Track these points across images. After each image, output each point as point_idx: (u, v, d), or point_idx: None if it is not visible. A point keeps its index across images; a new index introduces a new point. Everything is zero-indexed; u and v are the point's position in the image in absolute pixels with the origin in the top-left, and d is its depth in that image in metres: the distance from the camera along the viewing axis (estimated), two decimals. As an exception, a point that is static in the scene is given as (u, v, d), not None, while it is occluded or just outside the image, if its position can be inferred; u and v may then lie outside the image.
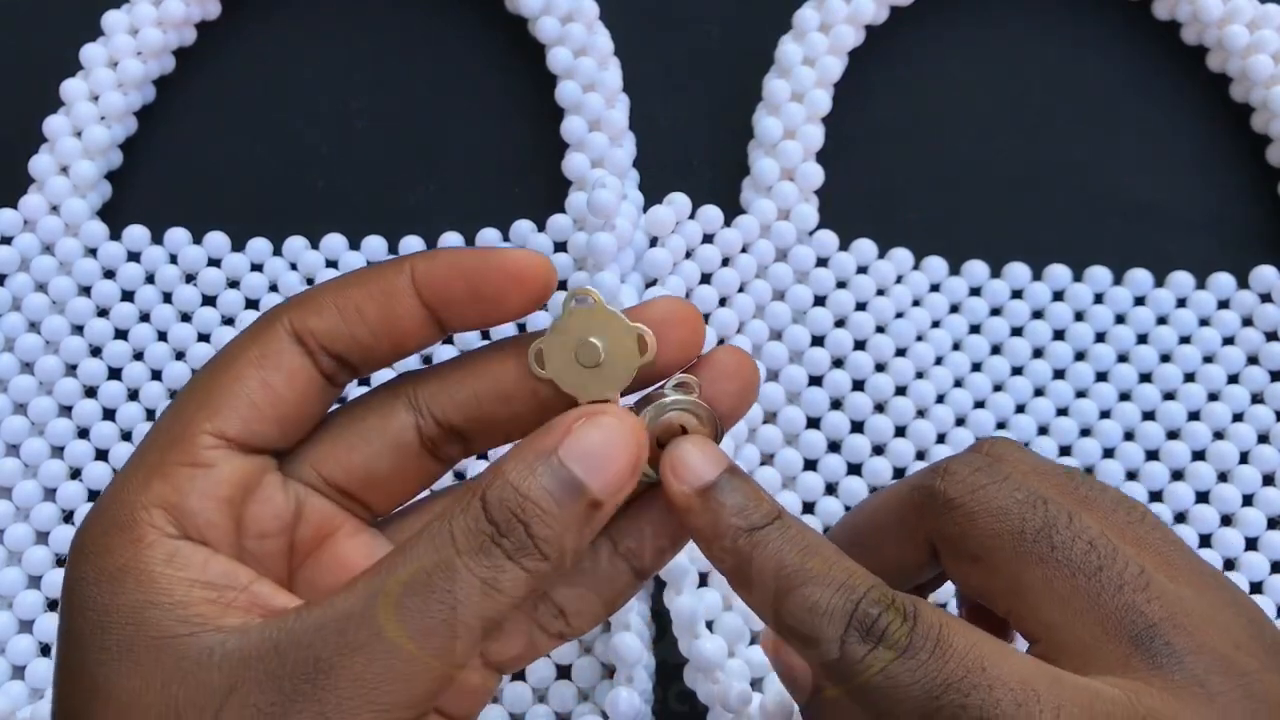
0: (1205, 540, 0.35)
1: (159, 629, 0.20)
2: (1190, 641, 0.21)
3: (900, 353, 0.36)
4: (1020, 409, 0.36)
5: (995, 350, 0.37)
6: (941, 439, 0.36)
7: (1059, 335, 0.37)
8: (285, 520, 0.23)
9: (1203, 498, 0.35)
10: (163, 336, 0.37)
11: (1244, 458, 0.36)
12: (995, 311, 0.38)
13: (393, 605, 0.20)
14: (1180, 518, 0.35)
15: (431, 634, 0.20)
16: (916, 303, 0.37)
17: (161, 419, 0.23)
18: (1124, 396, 0.37)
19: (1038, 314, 0.37)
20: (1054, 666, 0.21)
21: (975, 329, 0.37)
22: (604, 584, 0.24)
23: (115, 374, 0.37)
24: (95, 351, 0.37)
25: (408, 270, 0.23)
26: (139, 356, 0.37)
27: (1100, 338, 0.37)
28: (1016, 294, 0.38)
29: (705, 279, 0.36)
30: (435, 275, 0.23)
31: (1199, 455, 0.36)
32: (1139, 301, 0.38)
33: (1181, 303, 0.38)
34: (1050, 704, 0.20)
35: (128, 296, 0.37)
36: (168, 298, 0.37)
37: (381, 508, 0.25)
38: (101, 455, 0.36)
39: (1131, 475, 0.36)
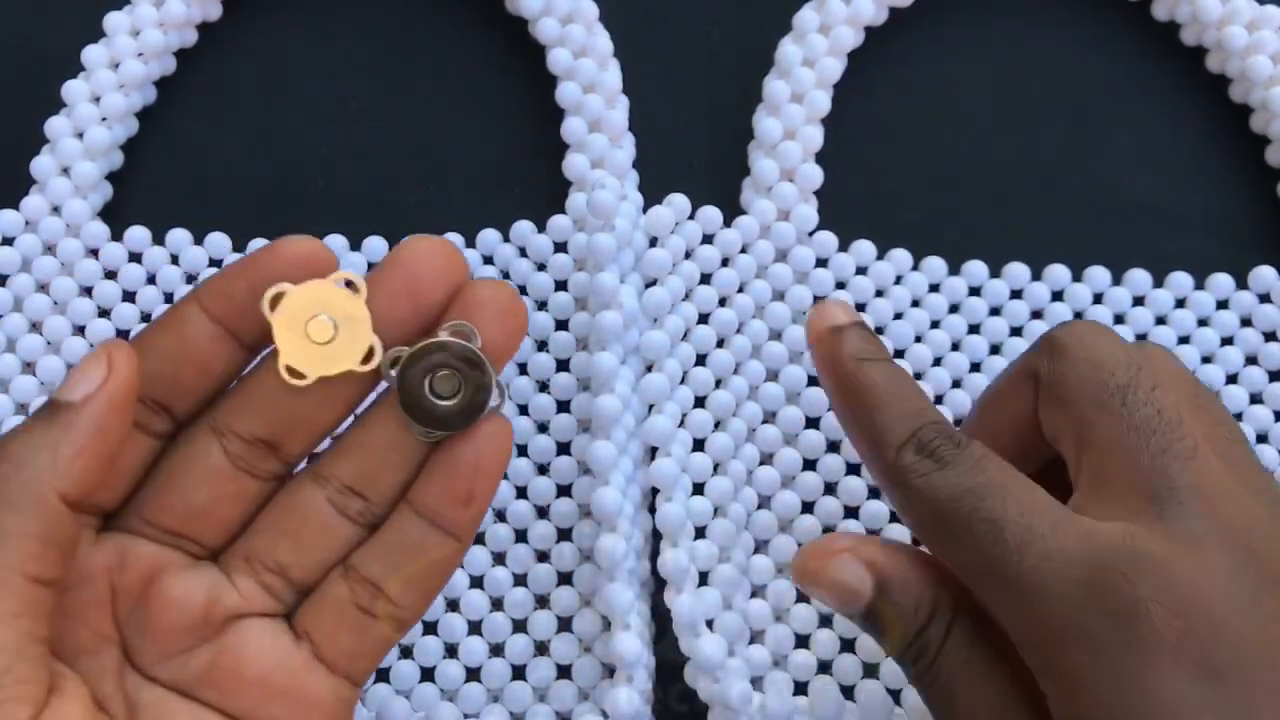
0: (1204, 540, 0.35)
1: None
2: (1205, 507, 0.23)
3: (899, 353, 0.37)
4: (1020, 409, 0.36)
5: (995, 350, 0.37)
6: (941, 439, 0.36)
7: (1058, 335, 0.37)
8: (92, 575, 0.24)
9: (1202, 498, 0.35)
10: (164, 337, 0.37)
11: (1243, 458, 0.36)
12: (995, 311, 0.38)
13: None
14: (1179, 518, 0.35)
15: None
16: (916, 303, 0.37)
17: None
18: (1123, 397, 0.37)
19: (1037, 314, 0.37)
20: (1072, 511, 0.24)
21: (974, 329, 0.37)
22: (415, 551, 0.24)
23: (116, 374, 0.37)
24: (96, 352, 0.37)
25: (193, 293, 0.24)
26: (140, 357, 0.37)
27: (1100, 338, 0.37)
28: (1016, 294, 0.38)
29: (705, 279, 0.36)
30: (215, 286, 0.24)
31: (1198, 455, 0.36)
32: (1138, 302, 0.38)
33: (1180, 303, 0.38)
34: (1049, 522, 0.23)
35: (129, 297, 0.37)
36: (169, 298, 0.37)
37: (212, 539, 0.25)
38: (103, 455, 0.36)
39: (1131, 475, 0.36)
